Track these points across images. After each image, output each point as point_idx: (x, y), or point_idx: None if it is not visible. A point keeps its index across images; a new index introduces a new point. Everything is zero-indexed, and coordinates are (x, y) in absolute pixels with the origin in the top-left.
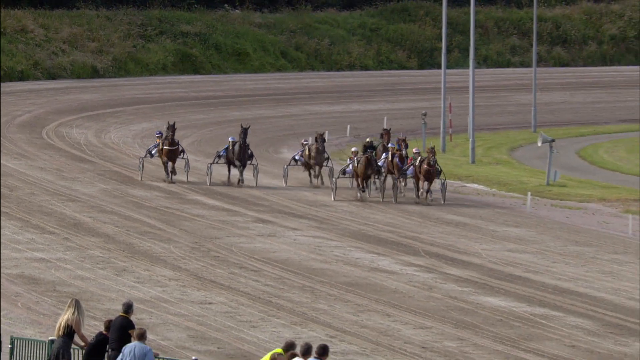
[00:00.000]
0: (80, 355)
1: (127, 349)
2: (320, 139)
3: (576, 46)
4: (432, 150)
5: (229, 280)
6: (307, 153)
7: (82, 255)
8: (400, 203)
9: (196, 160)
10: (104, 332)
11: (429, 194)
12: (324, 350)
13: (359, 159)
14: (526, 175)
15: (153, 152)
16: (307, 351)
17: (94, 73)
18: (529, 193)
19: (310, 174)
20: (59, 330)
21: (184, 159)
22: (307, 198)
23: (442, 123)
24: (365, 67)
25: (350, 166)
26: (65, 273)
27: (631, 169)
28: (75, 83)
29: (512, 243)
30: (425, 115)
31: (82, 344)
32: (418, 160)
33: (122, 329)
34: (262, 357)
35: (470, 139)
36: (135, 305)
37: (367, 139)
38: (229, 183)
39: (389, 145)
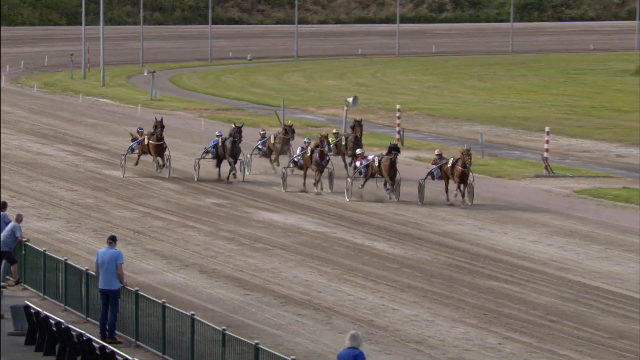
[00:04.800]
0: None
1: None
2: (289, 130)
3: (169, 11)
4: (468, 152)
5: None
6: (271, 142)
7: None
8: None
9: None
10: None
11: (465, 198)
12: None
13: (380, 158)
14: (136, 93)
15: (134, 147)
16: None
17: None
18: (139, 105)
19: (271, 161)
20: None
21: (167, 155)
22: None
23: (83, 60)
24: (32, 24)
25: (365, 166)
26: None
27: (203, 89)
28: None
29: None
30: (72, 55)
31: None
32: (450, 162)
33: None
34: None
35: (101, 71)
36: None
37: (334, 130)
38: (219, 178)
39: (305, 140)
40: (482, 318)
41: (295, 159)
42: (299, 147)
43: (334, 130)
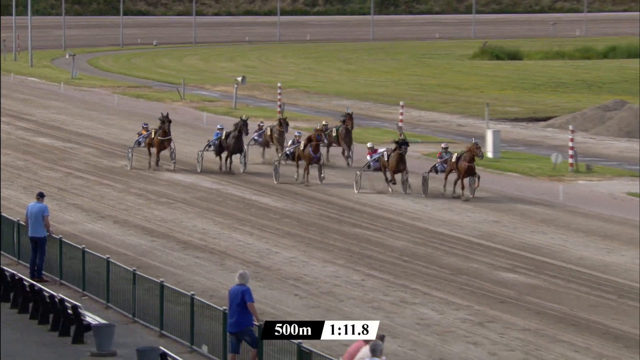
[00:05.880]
0: None
1: None
2: (284, 123)
3: (87, 4)
4: (478, 147)
5: None
6: (268, 134)
7: None
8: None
9: None
10: None
11: (465, 190)
12: None
13: (389, 153)
14: (60, 73)
15: (141, 141)
16: None
17: None
18: (62, 83)
19: (264, 152)
20: None
21: (171, 147)
22: None
23: (14, 45)
24: None
25: (375, 160)
26: None
27: (116, 70)
28: None
29: (54, 109)
30: (4, 40)
31: None
32: (455, 156)
33: None
34: None
35: (30, 54)
36: None
37: (323, 122)
38: (225, 169)
39: (296, 133)
40: (349, 259)
41: (288, 152)
42: (290, 140)
43: (323, 122)
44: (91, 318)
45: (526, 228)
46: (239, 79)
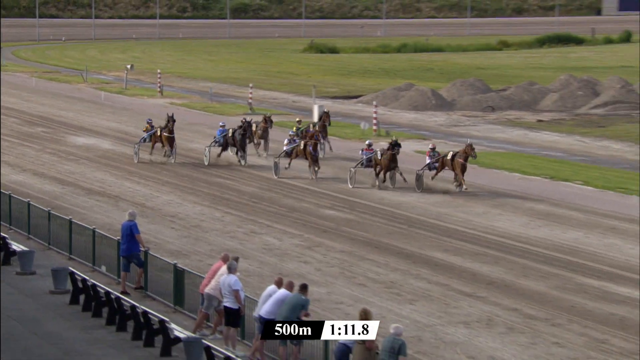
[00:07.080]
0: None
1: None
2: (268, 120)
3: (9, 9)
4: (472, 147)
5: None
6: (253, 130)
7: None
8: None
9: None
10: None
11: (461, 186)
12: None
13: (382, 152)
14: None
15: (146, 137)
16: None
17: None
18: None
19: (256, 148)
20: None
21: (174, 143)
22: None
23: None
24: None
25: (367, 158)
26: None
27: (34, 59)
28: None
29: None
30: None
31: None
32: (450, 155)
33: None
34: None
35: None
36: None
37: (297, 119)
38: (239, 161)
39: (290, 132)
40: (212, 200)
41: (287, 150)
42: (286, 139)
43: (297, 119)
44: (16, 246)
45: (343, 177)
46: (129, 66)
